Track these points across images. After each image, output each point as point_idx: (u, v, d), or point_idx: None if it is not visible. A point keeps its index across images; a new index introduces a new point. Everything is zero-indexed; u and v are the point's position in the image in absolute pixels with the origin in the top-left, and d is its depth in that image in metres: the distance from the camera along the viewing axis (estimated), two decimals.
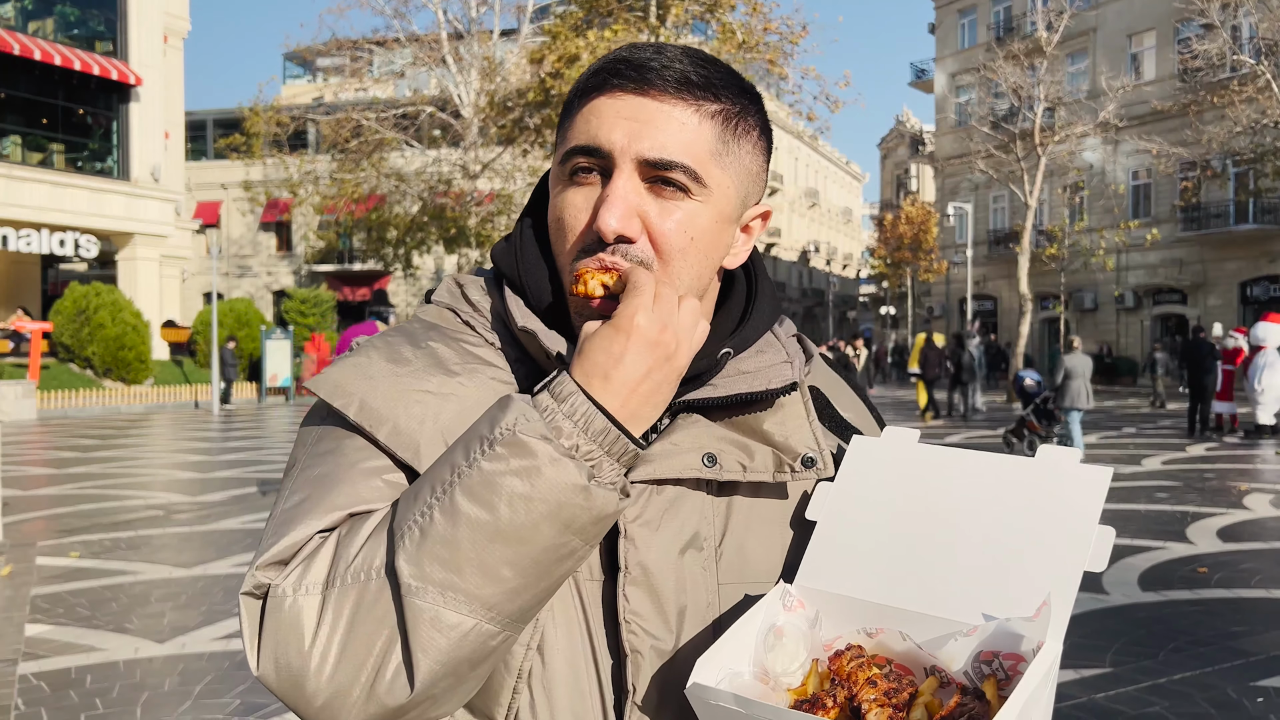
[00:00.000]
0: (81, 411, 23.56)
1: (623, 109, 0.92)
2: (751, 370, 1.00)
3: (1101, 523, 0.88)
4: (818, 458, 0.98)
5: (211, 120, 45.58)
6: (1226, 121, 27.94)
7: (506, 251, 1.04)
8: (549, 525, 0.81)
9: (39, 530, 8.99)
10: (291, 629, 0.82)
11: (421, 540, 0.81)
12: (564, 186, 0.96)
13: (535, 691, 0.91)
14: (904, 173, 63.04)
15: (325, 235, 31.33)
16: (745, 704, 0.80)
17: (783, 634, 0.87)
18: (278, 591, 0.83)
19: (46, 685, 4.87)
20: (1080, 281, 37.44)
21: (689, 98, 0.93)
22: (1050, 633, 0.81)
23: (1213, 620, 5.94)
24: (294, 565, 0.85)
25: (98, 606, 6.32)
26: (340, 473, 0.91)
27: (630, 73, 0.93)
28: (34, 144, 27.71)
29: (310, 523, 0.87)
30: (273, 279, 46.18)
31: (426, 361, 0.96)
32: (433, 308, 1.06)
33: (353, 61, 29.61)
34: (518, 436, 0.81)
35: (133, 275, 28.43)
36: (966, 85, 41.65)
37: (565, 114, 0.98)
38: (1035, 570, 0.86)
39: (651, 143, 0.91)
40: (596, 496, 0.81)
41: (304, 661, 0.81)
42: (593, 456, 0.83)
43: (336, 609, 0.82)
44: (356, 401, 0.93)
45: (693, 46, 0.99)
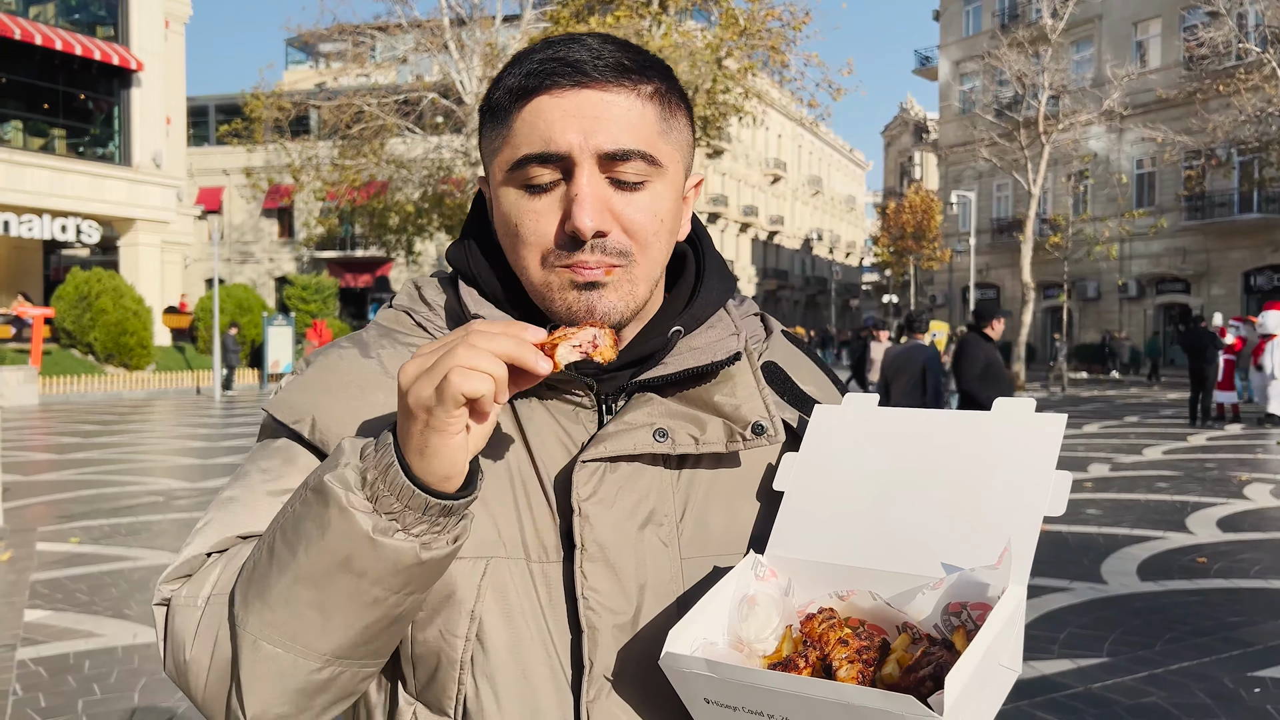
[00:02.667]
0: (83, 397, 23.59)
1: (568, 106, 0.91)
2: (701, 346, 1.01)
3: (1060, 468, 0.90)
4: (768, 424, 0.99)
5: (213, 106, 45.50)
6: (1232, 110, 27.84)
7: (458, 248, 1.06)
8: (342, 574, 0.82)
9: (39, 515, 9.00)
10: (179, 638, 0.90)
11: (251, 573, 0.86)
12: (518, 195, 0.94)
13: (479, 680, 0.92)
14: (907, 160, 62.87)
15: (327, 221, 31.28)
16: (718, 669, 0.81)
17: (755, 603, 0.89)
18: (172, 604, 0.92)
19: (44, 670, 4.88)
20: (1083, 270, 37.38)
21: (628, 83, 0.93)
22: (1013, 578, 0.83)
23: (1211, 610, 5.94)
24: (187, 580, 0.93)
25: (97, 592, 6.34)
26: (245, 496, 0.96)
27: (565, 69, 0.92)
28: (35, 129, 27.68)
29: (204, 543, 0.94)
30: (275, 265, 46.16)
31: (376, 371, 0.99)
32: (390, 312, 1.08)
33: (355, 47, 29.49)
34: (322, 483, 0.82)
35: (134, 261, 28.43)
36: (971, 73, 41.52)
37: (495, 116, 0.96)
38: (997, 520, 0.88)
39: (606, 136, 0.91)
40: (384, 548, 0.81)
41: (187, 669, 0.90)
42: (393, 509, 0.81)
43: (206, 625, 0.89)
44: (309, 419, 0.97)
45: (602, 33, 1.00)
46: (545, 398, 0.99)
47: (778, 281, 66.61)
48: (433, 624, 0.93)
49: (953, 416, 0.98)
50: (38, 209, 26.02)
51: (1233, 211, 33.33)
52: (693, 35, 24.37)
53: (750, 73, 24.45)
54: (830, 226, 77.30)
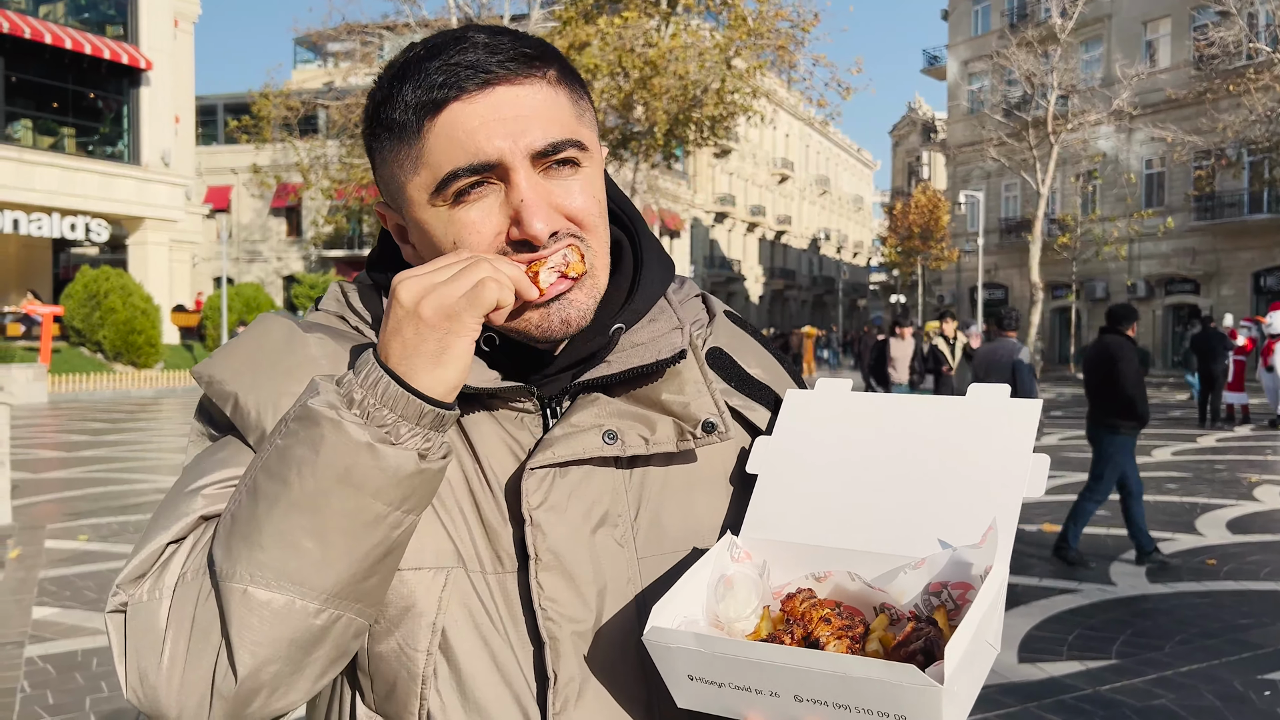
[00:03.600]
0: (92, 395, 23.67)
1: (484, 110, 0.87)
2: (644, 341, 0.98)
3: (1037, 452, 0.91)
4: (718, 421, 0.96)
5: (222, 105, 45.59)
6: (1242, 110, 27.73)
7: (376, 256, 1.04)
8: (340, 489, 0.80)
9: (48, 513, 9.03)
10: (146, 634, 0.82)
11: (231, 525, 0.82)
12: (448, 208, 0.90)
13: (445, 693, 0.90)
14: (916, 160, 62.75)
15: (334, 220, 31.35)
16: (707, 642, 0.80)
17: (732, 583, 0.88)
18: (134, 600, 0.84)
19: (52, 668, 4.90)
20: (1092, 271, 37.25)
21: (536, 73, 0.90)
22: (997, 557, 0.83)
23: (1220, 612, 5.91)
24: (149, 575, 0.85)
25: (105, 590, 6.35)
26: (195, 481, 0.90)
27: (469, 71, 0.87)
28: (45, 128, 27.78)
29: (162, 535, 0.87)
30: (282, 264, 46.26)
31: (303, 360, 0.93)
32: (321, 315, 1.04)
33: (363, 46, 29.57)
34: (307, 407, 0.81)
35: (143, 259, 28.52)
36: (979, 72, 41.41)
37: (398, 135, 0.90)
38: (976, 501, 0.89)
39: (535, 134, 0.88)
40: (386, 455, 0.80)
41: (158, 680, 0.81)
42: (386, 421, 0.81)
43: (179, 610, 0.82)
44: (231, 399, 0.93)
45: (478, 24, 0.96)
46: (491, 406, 0.96)
47: (785, 281, 66.55)
48: (391, 637, 0.90)
49: (929, 401, 0.98)
50: (47, 207, 26.12)
51: (1242, 212, 33.17)
52: (701, 35, 24.35)
53: (759, 72, 24.41)
54: (838, 226, 77.20)
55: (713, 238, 56.83)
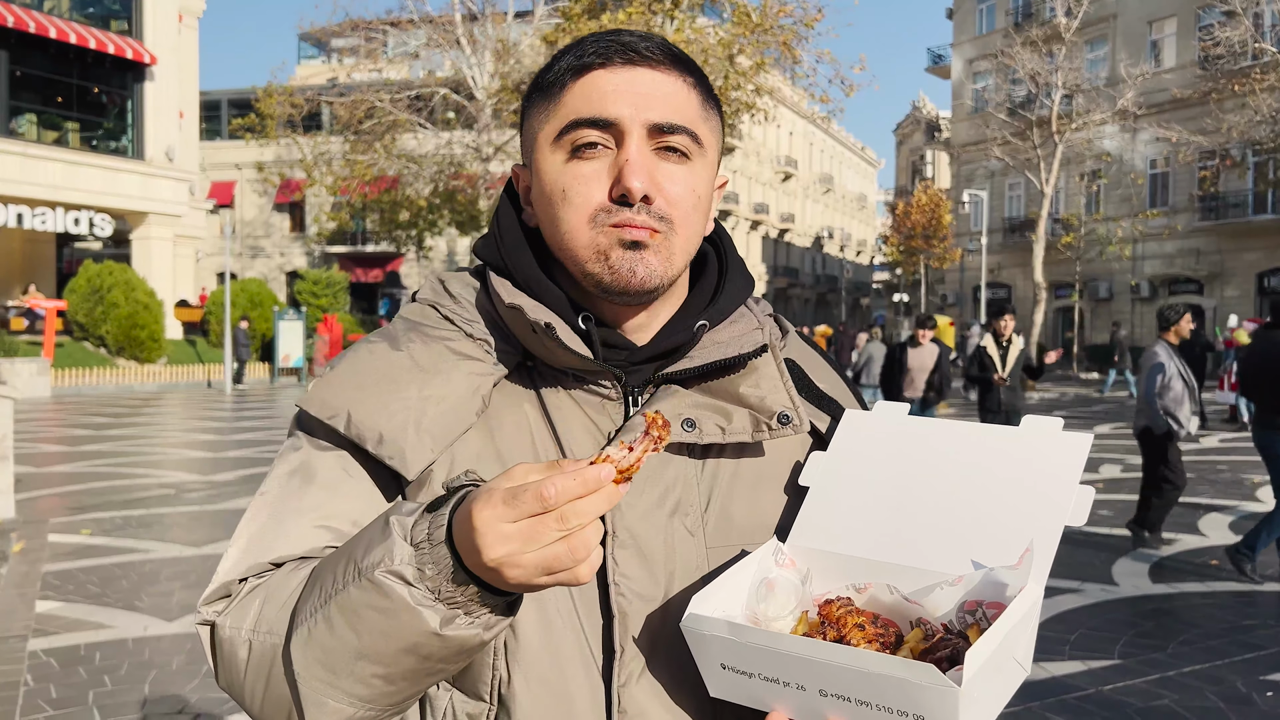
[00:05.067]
0: (95, 389, 23.70)
1: (621, 82, 0.96)
2: (725, 340, 1.03)
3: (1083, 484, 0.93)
4: (793, 414, 1.01)
5: (226, 100, 45.59)
6: (1247, 110, 27.67)
7: (488, 241, 1.07)
8: (409, 657, 0.84)
9: (51, 507, 9.04)
10: (231, 663, 0.93)
11: (308, 639, 0.86)
12: (565, 160, 0.97)
13: (512, 667, 0.94)
14: (919, 159, 62.66)
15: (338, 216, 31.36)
16: (739, 631, 0.84)
17: (774, 586, 0.91)
18: (219, 629, 0.94)
19: (56, 662, 4.90)
20: (1096, 270, 37.20)
21: (677, 69, 0.99)
22: (1032, 577, 0.85)
23: (1223, 613, 5.90)
24: (230, 606, 0.94)
25: (108, 584, 6.36)
26: (275, 517, 0.97)
27: (618, 49, 0.97)
28: (49, 122, 27.80)
29: (237, 568, 0.96)
30: (286, 260, 46.27)
31: (407, 365, 1.00)
32: (415, 306, 1.09)
33: (367, 42, 29.53)
34: (375, 577, 0.82)
35: (147, 254, 28.53)
36: (984, 71, 41.34)
37: (545, 94, 1.00)
38: (1018, 526, 0.91)
39: (657, 109, 0.96)
40: (452, 640, 0.82)
41: (242, 692, 0.93)
42: (456, 602, 0.81)
43: (257, 662, 0.91)
44: (345, 415, 0.98)
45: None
46: (572, 389, 1.01)
47: (788, 280, 66.49)
48: None
49: (983, 429, 1.00)
50: (51, 202, 26.13)
51: (1247, 212, 33.10)
52: (705, 32, 24.31)
53: (762, 69, 24.39)
54: (841, 225, 77.12)
55: None
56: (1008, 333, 9.51)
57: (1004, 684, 0.84)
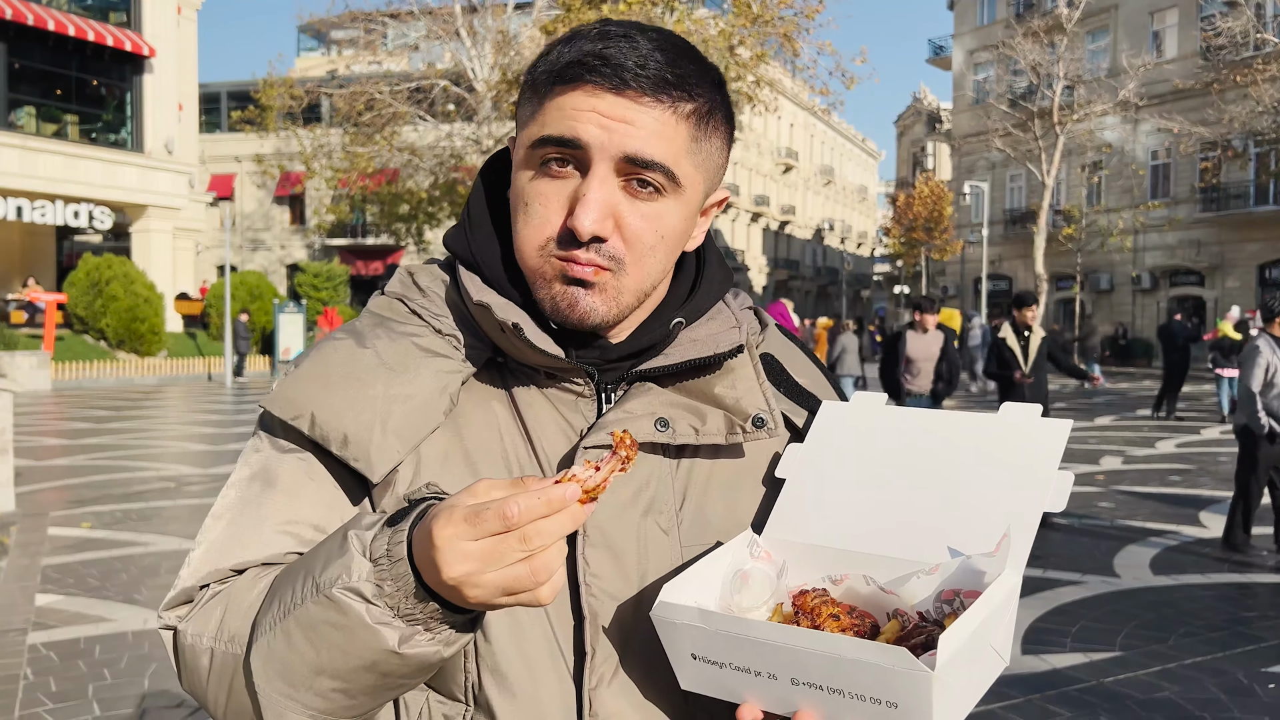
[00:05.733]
0: (95, 383, 23.69)
1: (600, 105, 0.90)
2: (701, 338, 1.01)
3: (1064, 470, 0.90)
4: (768, 418, 0.99)
5: (225, 93, 45.50)
6: (1249, 101, 27.60)
7: (458, 233, 1.03)
8: (368, 674, 0.82)
9: (51, 501, 9.04)
10: (194, 670, 0.92)
11: (268, 652, 0.85)
12: (534, 173, 0.94)
13: (483, 671, 0.92)
14: (920, 150, 62.55)
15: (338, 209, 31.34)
16: (710, 619, 0.82)
17: (748, 579, 0.89)
18: (181, 635, 0.93)
19: (55, 655, 4.90)
20: (1097, 262, 37.16)
21: (665, 98, 0.91)
22: (1010, 564, 0.83)
23: (1224, 605, 5.90)
24: (192, 612, 0.93)
25: (108, 577, 6.35)
26: (235, 522, 0.95)
27: (606, 69, 0.90)
28: (48, 115, 27.73)
29: (197, 574, 0.94)
30: (286, 253, 46.23)
31: (373, 363, 0.97)
32: (383, 299, 1.05)
33: (366, 34, 29.44)
34: (333, 594, 0.79)
35: (146, 247, 28.50)
36: (985, 62, 41.24)
37: (531, 91, 0.95)
38: (996, 513, 0.90)
39: (631, 142, 0.90)
40: (411, 658, 0.80)
41: (205, 697, 0.93)
42: (416, 618, 0.79)
43: (219, 670, 0.90)
44: (309, 415, 0.95)
45: (666, 30, 0.97)
46: (544, 386, 0.99)
47: (789, 272, 66.43)
48: None
49: (960, 418, 0.99)
50: (50, 195, 26.09)
51: (1248, 203, 33.03)
52: (705, 23, 24.24)
53: (762, 61, 24.32)
54: (842, 216, 77.02)
55: (716, 228, 56.71)
56: (1031, 323, 8.52)
57: (981, 673, 0.82)
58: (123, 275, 25.17)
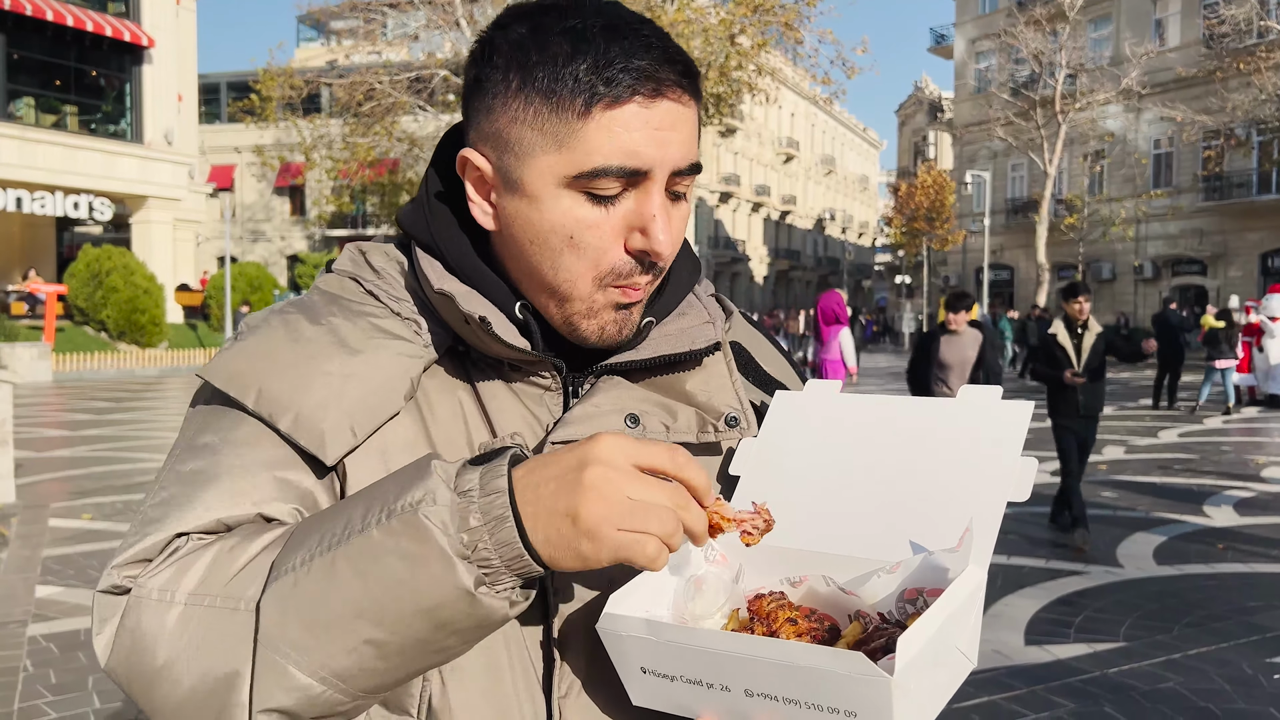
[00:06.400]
0: (96, 374, 23.68)
1: (652, 118, 0.84)
2: (673, 332, 0.97)
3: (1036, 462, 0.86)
4: (741, 417, 0.96)
5: (225, 83, 45.42)
6: (1252, 89, 27.51)
7: (415, 213, 0.96)
8: (423, 621, 0.74)
9: (52, 492, 9.03)
10: (151, 636, 0.77)
11: (293, 590, 0.75)
12: (576, 202, 0.86)
13: (446, 677, 0.85)
14: (922, 140, 62.42)
15: (338, 200, 31.28)
16: (658, 629, 0.77)
17: (702, 584, 0.85)
18: (143, 592, 0.78)
19: (55, 647, 4.88)
20: (1099, 252, 37.09)
21: (691, 93, 0.88)
22: (973, 559, 0.79)
23: (1228, 595, 5.87)
24: (161, 567, 0.79)
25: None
26: (217, 470, 0.84)
27: (647, 76, 0.84)
28: (47, 106, 27.68)
29: (174, 524, 0.82)
30: (286, 244, 46.20)
31: (327, 340, 0.89)
32: (333, 277, 0.98)
33: (366, 24, 29.33)
34: (418, 517, 0.73)
35: (147, 238, 28.48)
36: (987, 51, 41.10)
37: (551, 101, 0.84)
38: (959, 505, 0.85)
39: (680, 151, 0.86)
40: (482, 605, 0.74)
41: (156, 675, 0.77)
42: (491, 564, 0.74)
43: (199, 626, 0.76)
44: (255, 390, 0.87)
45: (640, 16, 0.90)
46: (510, 379, 0.93)
47: (790, 262, 66.38)
48: None
49: (918, 404, 0.94)
50: (50, 186, 26.06)
51: (1251, 192, 32.96)
52: (705, 11, 24.15)
53: (763, 50, 24.23)
54: (843, 206, 76.91)
55: (717, 218, 56.64)
56: (1084, 317, 7.36)
57: (947, 677, 0.78)
58: (123, 266, 25.16)
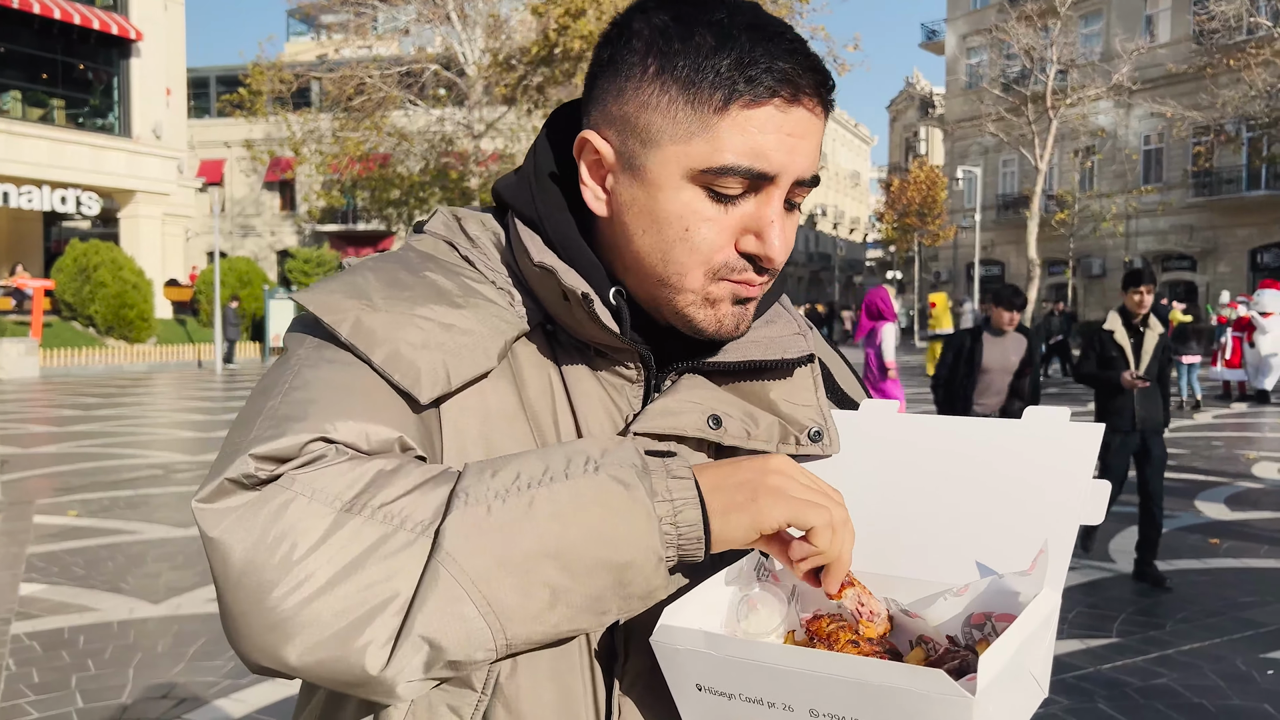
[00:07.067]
0: (84, 370, 23.54)
1: (786, 123, 0.84)
2: (762, 340, 0.96)
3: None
4: (825, 432, 0.94)
5: (214, 77, 45.16)
6: (1242, 85, 27.58)
7: (518, 185, 0.94)
8: (607, 576, 0.74)
9: (38, 488, 8.94)
10: (288, 531, 0.71)
11: (485, 519, 0.72)
12: (697, 195, 0.85)
13: (518, 659, 0.83)
14: (913, 136, 62.44)
15: (328, 195, 31.14)
16: (717, 643, 0.74)
17: (756, 604, 0.82)
18: (293, 486, 0.72)
19: (39, 645, 4.82)
20: (1089, 247, 37.17)
21: (824, 105, 0.88)
22: (1048, 582, 0.77)
23: (1221, 590, 5.86)
24: (310, 468, 0.74)
25: (93, 566, 6.27)
26: (356, 384, 0.80)
27: (787, 79, 0.84)
28: (34, 100, 27.47)
29: (318, 426, 0.76)
30: (276, 239, 45.99)
31: (426, 288, 0.87)
32: (426, 238, 0.96)
33: (356, 18, 29.23)
34: (630, 475, 0.75)
35: (135, 233, 28.29)
36: (978, 47, 41.12)
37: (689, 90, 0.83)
38: (1028, 528, 0.82)
39: (805, 161, 0.87)
40: (661, 573, 0.76)
41: (283, 573, 0.70)
42: (670, 541, 0.77)
43: (350, 537, 0.71)
44: (351, 320, 0.83)
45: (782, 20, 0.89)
46: (595, 365, 0.92)
47: None
48: None
49: (982, 424, 0.91)
50: (37, 180, 25.86)
51: (1241, 188, 33.04)
52: None
53: None
54: (834, 202, 76.93)
55: None
56: (1144, 311, 6.31)
57: (1022, 703, 0.75)
58: (111, 261, 25.00)
